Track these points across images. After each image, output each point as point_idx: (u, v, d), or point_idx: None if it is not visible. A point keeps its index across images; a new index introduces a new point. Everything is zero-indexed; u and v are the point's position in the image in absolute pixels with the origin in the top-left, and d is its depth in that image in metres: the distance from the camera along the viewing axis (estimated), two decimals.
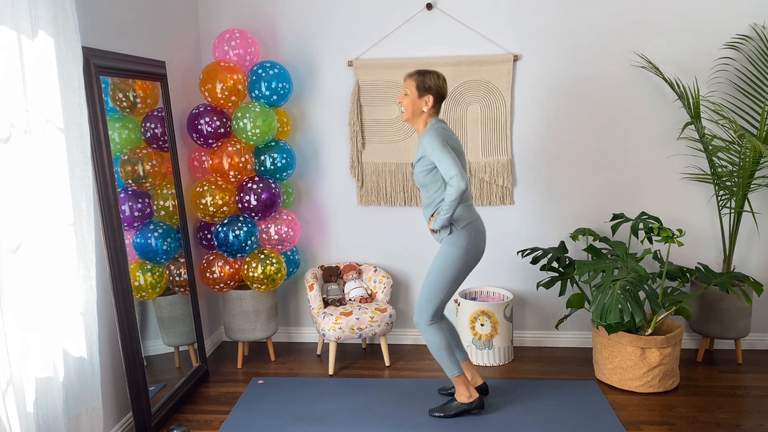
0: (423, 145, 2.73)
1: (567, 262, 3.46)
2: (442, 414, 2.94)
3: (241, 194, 3.39)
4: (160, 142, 3.10)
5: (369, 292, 3.68)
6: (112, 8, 2.77)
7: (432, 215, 2.82)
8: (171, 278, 3.16)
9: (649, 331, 3.20)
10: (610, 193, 3.68)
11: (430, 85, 2.75)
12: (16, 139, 1.94)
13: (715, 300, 3.42)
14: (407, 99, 2.79)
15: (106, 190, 2.56)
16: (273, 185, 3.42)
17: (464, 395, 2.92)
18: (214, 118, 3.30)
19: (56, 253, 2.13)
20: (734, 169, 3.36)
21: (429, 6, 3.56)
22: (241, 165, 3.35)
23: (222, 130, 3.33)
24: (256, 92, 3.41)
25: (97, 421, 2.33)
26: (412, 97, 2.77)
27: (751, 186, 3.40)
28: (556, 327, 3.59)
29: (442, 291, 2.84)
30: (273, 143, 3.51)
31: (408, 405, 3.09)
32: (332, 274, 3.76)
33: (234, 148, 3.35)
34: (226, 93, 3.29)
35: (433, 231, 2.82)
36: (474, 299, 3.75)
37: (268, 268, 3.43)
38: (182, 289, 3.28)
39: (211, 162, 3.40)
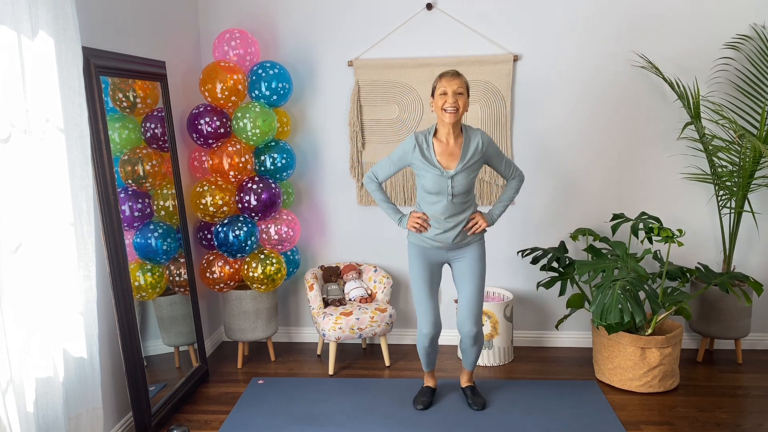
0: (481, 146, 2.76)
1: (567, 262, 3.46)
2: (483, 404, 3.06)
3: (241, 194, 3.39)
4: (160, 142, 3.10)
5: (369, 292, 3.68)
6: (112, 8, 2.77)
7: (467, 222, 2.83)
8: (171, 278, 3.16)
9: (649, 331, 3.20)
10: (610, 193, 3.68)
11: (469, 85, 2.75)
12: (16, 139, 1.94)
13: (715, 300, 3.42)
14: (463, 98, 2.67)
15: (106, 190, 2.56)
16: (273, 185, 3.42)
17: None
18: (214, 118, 3.30)
19: (56, 253, 2.13)
20: (734, 169, 3.36)
21: (429, 6, 3.56)
22: (241, 165, 3.35)
23: (222, 130, 3.33)
24: (256, 92, 3.41)
25: (98, 421, 2.33)
26: (465, 97, 2.69)
27: (751, 186, 3.40)
28: (556, 327, 3.59)
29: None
30: (273, 143, 3.51)
31: (408, 405, 3.09)
32: (332, 274, 3.76)
33: (234, 148, 3.35)
34: (226, 93, 3.29)
35: (480, 230, 2.87)
36: None
37: (268, 268, 3.43)
38: (182, 289, 3.28)
39: (211, 162, 3.40)
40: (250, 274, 3.42)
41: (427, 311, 2.88)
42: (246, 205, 3.37)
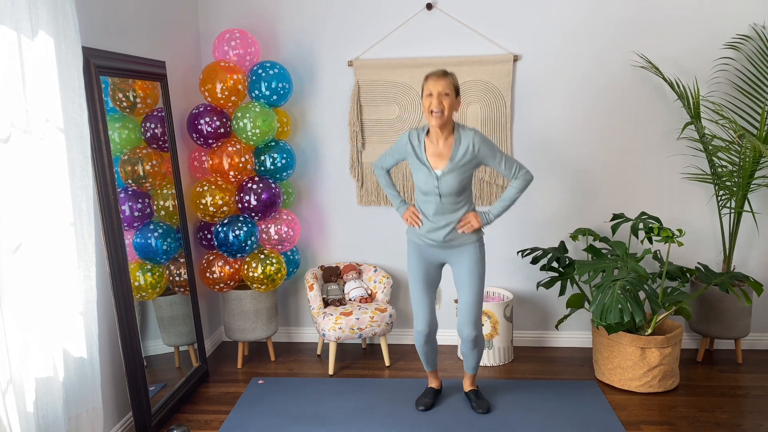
0: (473, 148, 2.68)
1: (567, 262, 3.46)
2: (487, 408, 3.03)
3: (241, 194, 3.39)
4: (160, 142, 3.10)
5: (369, 292, 3.68)
6: (112, 8, 2.77)
7: (458, 221, 2.77)
8: (171, 278, 3.16)
9: (649, 331, 3.20)
10: (610, 193, 3.68)
11: (458, 85, 2.69)
12: (16, 139, 1.94)
13: (715, 300, 3.42)
14: (448, 99, 2.61)
15: (106, 190, 2.56)
16: (273, 185, 3.42)
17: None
18: (214, 118, 3.30)
19: (56, 253, 2.13)
20: (734, 169, 3.36)
21: (429, 6, 3.56)
22: (241, 165, 3.35)
23: (222, 130, 3.33)
24: (256, 92, 3.41)
25: (97, 421, 2.33)
26: (452, 98, 2.63)
27: (751, 186, 3.40)
28: (556, 327, 3.59)
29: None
30: (273, 143, 3.51)
31: (408, 405, 3.09)
32: (332, 274, 3.76)
33: (234, 148, 3.35)
34: (226, 93, 3.29)
35: (474, 229, 2.81)
36: None
37: (268, 268, 3.43)
38: (182, 289, 3.28)
39: (211, 162, 3.40)
40: (250, 274, 3.42)
41: (422, 309, 2.88)
42: (246, 205, 3.37)
